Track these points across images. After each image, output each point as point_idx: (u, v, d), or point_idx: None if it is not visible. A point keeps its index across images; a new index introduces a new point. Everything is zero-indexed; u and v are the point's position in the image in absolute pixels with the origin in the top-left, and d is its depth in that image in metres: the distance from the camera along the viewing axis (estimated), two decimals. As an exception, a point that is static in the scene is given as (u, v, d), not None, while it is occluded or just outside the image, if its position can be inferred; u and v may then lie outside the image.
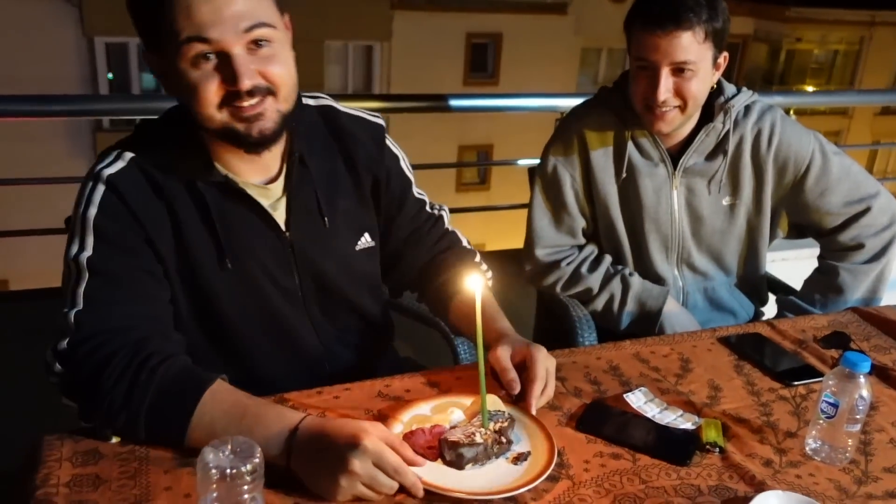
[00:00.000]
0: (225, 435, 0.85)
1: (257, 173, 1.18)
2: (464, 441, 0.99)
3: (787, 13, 16.46)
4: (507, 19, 14.45)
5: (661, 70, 1.48)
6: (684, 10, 1.44)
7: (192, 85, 1.04)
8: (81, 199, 1.10)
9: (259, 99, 1.07)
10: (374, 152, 1.29)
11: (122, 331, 1.02)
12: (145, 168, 1.12)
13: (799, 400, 1.23)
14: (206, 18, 1.00)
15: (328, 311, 1.29)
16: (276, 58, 1.07)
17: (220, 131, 1.09)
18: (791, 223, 1.76)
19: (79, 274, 1.06)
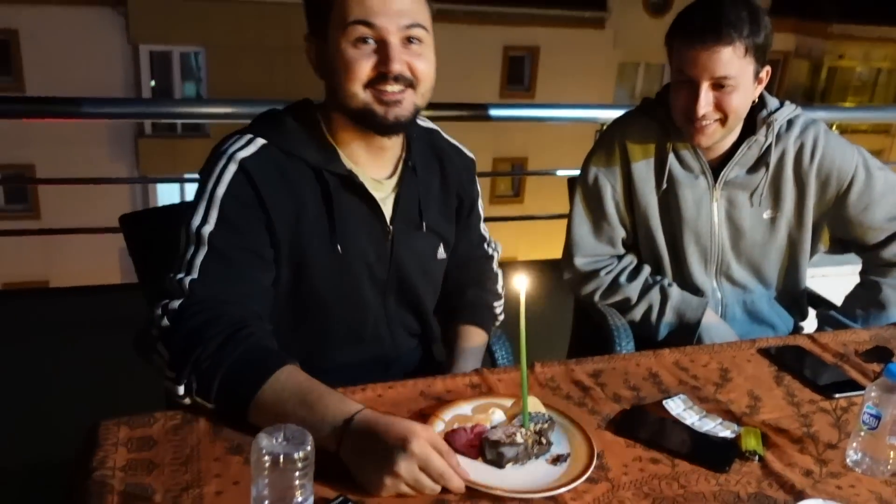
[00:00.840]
0: (289, 404, 0.95)
1: (376, 169, 1.30)
2: (504, 440, 1.01)
3: (829, 29, 16.23)
4: (545, 32, 14.49)
5: (702, 84, 1.48)
6: (725, 25, 1.44)
7: (348, 61, 1.17)
8: (211, 175, 1.18)
9: (402, 87, 1.19)
10: (464, 179, 1.45)
11: (227, 305, 1.11)
12: (275, 155, 1.21)
13: (840, 412, 1.23)
14: (375, 8, 1.15)
15: (401, 305, 1.38)
16: (424, 56, 1.20)
17: (359, 110, 1.20)
18: (833, 238, 1.75)
19: (198, 245, 1.15)
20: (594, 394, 1.22)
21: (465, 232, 1.48)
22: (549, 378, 1.26)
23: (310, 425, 0.88)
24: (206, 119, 2.30)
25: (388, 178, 1.32)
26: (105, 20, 12.11)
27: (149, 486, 0.93)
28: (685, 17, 1.52)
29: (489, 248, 1.57)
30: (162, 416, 1.07)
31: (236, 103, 2.20)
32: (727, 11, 1.46)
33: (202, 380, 1.04)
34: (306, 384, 1.03)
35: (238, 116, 2.18)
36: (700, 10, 1.50)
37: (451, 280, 1.49)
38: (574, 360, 1.33)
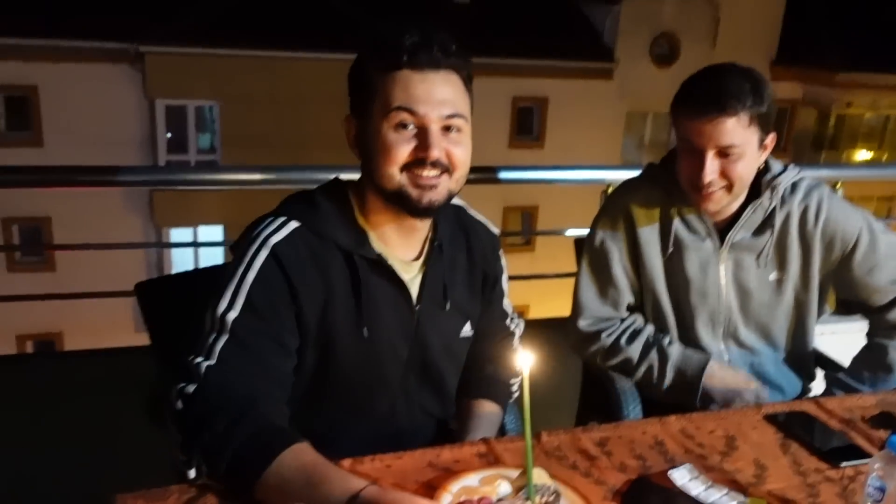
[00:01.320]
0: (294, 485, 0.97)
1: (405, 250, 1.34)
2: None
3: (835, 78, 16.38)
4: (553, 84, 14.71)
5: (707, 153, 1.52)
6: (728, 97, 1.48)
7: (388, 144, 1.21)
8: (243, 259, 1.22)
9: (438, 172, 1.23)
10: (489, 254, 1.47)
11: (239, 388, 1.13)
12: (307, 237, 1.24)
13: (846, 482, 1.23)
14: (418, 96, 1.20)
15: (422, 383, 1.40)
16: (461, 144, 1.25)
17: (394, 192, 1.24)
18: (839, 299, 1.77)
19: (221, 330, 1.18)
20: (600, 463, 1.24)
21: (487, 307, 1.50)
22: (556, 447, 1.28)
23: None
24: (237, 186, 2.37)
25: (416, 259, 1.35)
26: (122, 76, 12.43)
27: (162, 561, 0.95)
28: (688, 89, 1.56)
29: (511, 323, 1.58)
30: (177, 489, 1.09)
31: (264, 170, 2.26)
32: (729, 83, 1.50)
33: (211, 461, 1.07)
34: (310, 464, 1.05)
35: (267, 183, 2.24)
36: (703, 82, 1.54)
37: (471, 355, 1.50)
38: (580, 427, 1.35)
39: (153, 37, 12.10)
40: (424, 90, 1.20)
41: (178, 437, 1.11)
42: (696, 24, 15.73)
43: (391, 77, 1.20)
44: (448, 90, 1.22)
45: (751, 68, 1.56)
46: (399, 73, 1.20)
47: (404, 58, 1.19)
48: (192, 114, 13.32)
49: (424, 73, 1.20)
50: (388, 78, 1.21)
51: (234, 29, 12.41)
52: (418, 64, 1.20)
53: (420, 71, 1.20)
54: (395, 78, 1.20)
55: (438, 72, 1.21)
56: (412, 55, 1.19)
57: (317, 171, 1.93)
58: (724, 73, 1.53)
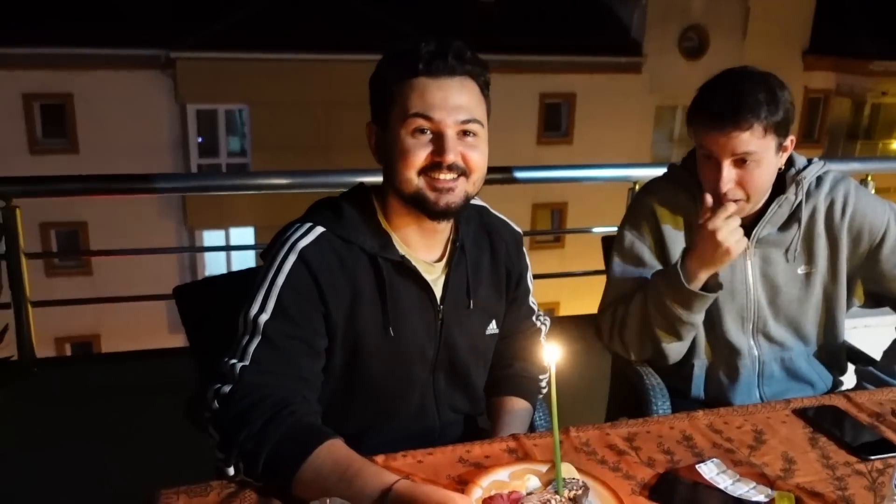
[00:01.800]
0: (329, 480, 1.01)
1: (428, 252, 1.37)
2: None
3: (870, 67, 16.10)
4: (581, 79, 14.66)
5: (723, 162, 1.53)
6: (743, 111, 1.49)
7: (405, 149, 1.26)
8: (273, 264, 1.27)
9: (454, 176, 1.27)
10: (513, 252, 1.50)
11: (273, 388, 1.18)
12: (333, 242, 1.29)
13: (875, 475, 1.24)
14: (435, 102, 1.24)
15: (450, 381, 1.43)
16: (477, 148, 1.29)
17: (412, 195, 1.28)
18: (868, 292, 1.76)
19: (253, 332, 1.23)
20: (628, 458, 1.26)
21: (512, 305, 1.53)
22: (584, 442, 1.30)
23: (350, 499, 0.93)
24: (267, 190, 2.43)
25: (439, 260, 1.39)
26: (154, 82, 12.66)
27: (205, 553, 0.99)
28: (703, 101, 1.56)
29: (538, 321, 1.60)
30: (218, 485, 1.13)
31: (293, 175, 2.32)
32: (745, 95, 1.50)
33: (248, 460, 1.11)
34: (345, 459, 1.09)
35: (295, 187, 2.30)
36: (718, 95, 1.54)
37: (498, 352, 1.53)
38: (609, 423, 1.36)
39: (183, 43, 12.30)
40: (441, 97, 1.24)
41: (216, 436, 1.16)
42: (725, 16, 15.54)
43: (408, 84, 1.25)
44: (464, 96, 1.26)
45: (767, 74, 1.56)
46: (416, 80, 1.24)
47: (420, 65, 1.24)
48: (222, 118, 13.52)
49: (440, 80, 1.24)
50: (406, 85, 1.25)
51: (261, 33, 12.58)
52: (434, 71, 1.24)
53: (436, 78, 1.24)
54: (412, 85, 1.24)
55: (454, 78, 1.25)
56: (428, 63, 1.24)
57: (342, 175, 1.99)
58: (739, 83, 1.53)
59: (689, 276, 1.56)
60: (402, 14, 13.22)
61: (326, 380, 1.32)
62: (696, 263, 1.56)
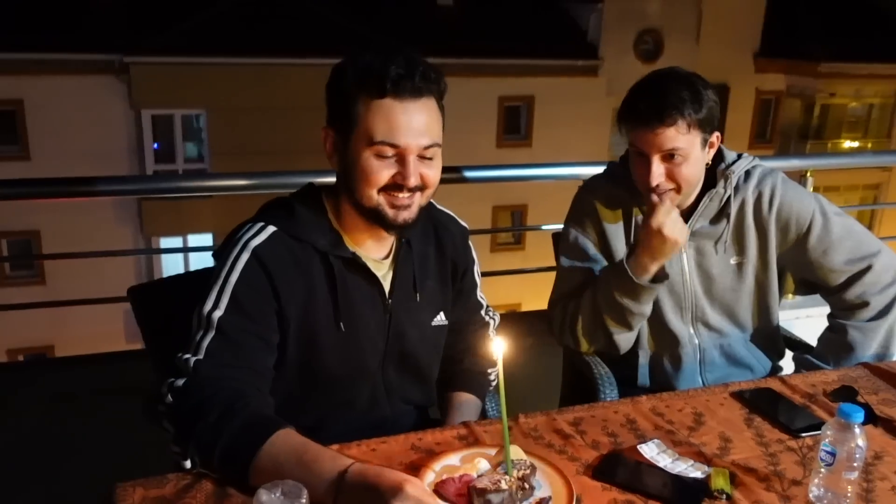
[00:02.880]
0: (286, 467, 1.03)
1: (376, 250, 1.42)
2: (491, 488, 1.10)
3: (819, 69, 16.55)
4: (539, 82, 14.81)
5: (652, 158, 1.61)
6: (667, 109, 1.57)
7: (368, 169, 1.29)
8: (226, 262, 1.30)
9: (411, 194, 1.32)
10: (459, 246, 1.54)
11: (227, 381, 1.20)
12: (285, 241, 1.33)
13: (805, 450, 1.31)
14: (400, 128, 1.27)
15: (400, 373, 1.48)
16: (434, 166, 1.33)
17: (371, 210, 1.33)
18: (798, 280, 1.85)
19: (207, 328, 1.26)
20: (574, 441, 1.31)
21: (459, 296, 1.57)
22: (533, 428, 1.35)
23: (307, 483, 0.97)
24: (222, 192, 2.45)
25: (386, 256, 1.43)
26: (107, 87, 12.47)
27: (162, 542, 1.02)
28: (631, 102, 1.64)
29: (486, 315, 1.65)
30: (174, 476, 1.15)
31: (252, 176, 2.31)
32: (669, 94, 1.59)
33: (204, 451, 1.13)
34: (300, 445, 1.12)
35: (254, 188, 2.30)
36: (644, 95, 1.63)
37: (449, 347, 1.58)
38: (556, 410, 1.42)
39: (138, 48, 12.14)
40: (405, 121, 1.27)
41: (171, 429, 1.19)
42: (679, 20, 15.86)
43: (375, 105, 1.27)
44: (427, 119, 1.29)
45: (691, 74, 1.64)
46: (382, 101, 1.26)
47: (387, 86, 1.25)
48: (178, 123, 13.37)
49: (406, 103, 1.27)
50: (372, 106, 1.27)
51: (218, 38, 12.46)
52: (400, 93, 1.26)
53: (402, 101, 1.27)
54: (378, 107, 1.26)
55: (419, 100, 1.28)
56: (395, 84, 1.25)
57: (301, 176, 2.00)
58: (663, 83, 1.61)
59: (639, 270, 1.65)
60: (361, 18, 13.23)
61: (281, 374, 1.35)
62: (647, 258, 1.64)
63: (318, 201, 1.40)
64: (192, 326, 1.28)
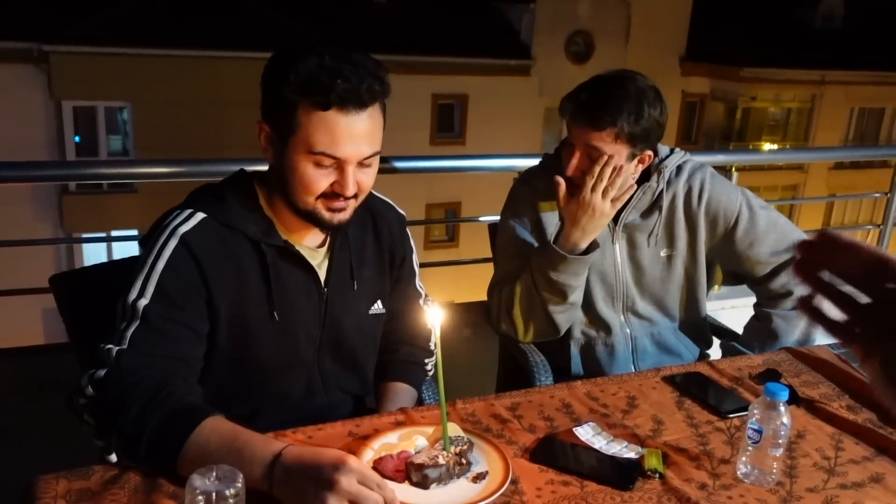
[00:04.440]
0: (216, 455, 0.99)
1: (311, 239, 1.39)
2: (428, 463, 1.11)
3: (741, 73, 17.20)
4: (473, 81, 14.91)
5: (576, 151, 1.66)
6: (600, 113, 1.61)
7: (306, 177, 1.26)
8: (153, 250, 1.24)
9: (347, 200, 1.29)
10: (396, 233, 1.53)
11: (150, 370, 1.16)
12: (215, 228, 1.28)
13: (733, 430, 1.35)
14: (342, 136, 1.23)
15: (336, 361, 1.45)
16: (371, 172, 1.32)
17: (306, 213, 1.29)
18: (726, 272, 1.91)
19: (132, 317, 1.20)
20: (511, 425, 1.32)
21: (397, 284, 1.56)
22: (470, 413, 1.35)
23: (239, 468, 0.94)
24: (143, 179, 2.35)
25: (321, 245, 1.41)
26: (25, 76, 11.95)
27: (87, 534, 0.97)
28: (574, 94, 1.67)
29: (425, 304, 1.63)
30: (100, 468, 1.11)
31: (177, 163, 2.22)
32: (609, 100, 1.61)
33: (128, 445, 1.09)
34: (231, 432, 1.08)
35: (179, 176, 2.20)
36: (587, 92, 1.65)
37: (385, 335, 1.56)
38: (493, 395, 1.43)
39: (58, 36, 11.66)
40: (348, 132, 1.23)
41: (93, 423, 1.13)
42: (609, 23, 16.22)
43: (317, 116, 1.21)
44: (370, 128, 1.25)
45: (647, 88, 1.64)
46: (325, 113, 1.21)
47: (332, 100, 1.20)
48: (102, 115, 12.90)
49: (350, 116, 1.22)
50: (314, 116, 1.21)
51: (145, 28, 12.10)
52: (345, 106, 1.21)
53: (346, 114, 1.22)
54: (320, 118, 1.21)
55: (363, 111, 1.24)
56: (341, 99, 1.20)
57: (229, 164, 1.93)
58: (611, 88, 1.63)
59: (569, 245, 1.67)
60: (294, 11, 13.04)
61: (213, 363, 1.31)
62: (578, 233, 1.66)
63: (250, 188, 1.36)
64: (117, 316, 1.23)
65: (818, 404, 1.46)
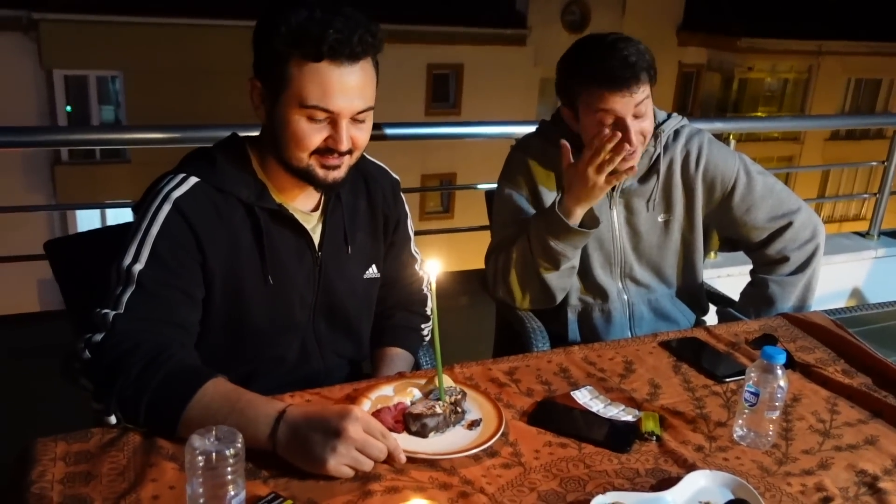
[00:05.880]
0: (219, 415, 1.01)
1: (304, 202, 1.38)
2: (426, 413, 1.14)
3: (737, 44, 17.05)
4: (468, 51, 14.76)
5: (627, 120, 1.60)
6: (637, 70, 1.58)
7: (299, 132, 1.24)
8: (146, 215, 1.23)
9: (342, 156, 1.28)
10: (389, 197, 1.51)
11: (148, 333, 1.15)
12: (208, 192, 1.27)
13: (729, 394, 1.36)
14: (334, 92, 1.21)
15: (331, 326, 1.45)
16: (365, 128, 1.30)
17: (300, 170, 1.27)
18: (722, 238, 1.91)
19: (127, 282, 1.19)
20: (509, 389, 1.32)
21: (391, 249, 1.55)
22: (468, 377, 1.35)
23: (243, 428, 0.94)
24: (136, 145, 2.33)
25: (315, 209, 1.39)
26: (14, 45, 11.76)
27: (86, 496, 0.98)
28: (594, 66, 1.61)
29: (421, 270, 1.62)
30: (98, 431, 1.11)
31: (172, 129, 2.19)
32: (630, 55, 1.58)
33: (128, 406, 1.09)
34: (233, 393, 1.09)
35: (174, 142, 2.17)
36: (607, 58, 1.59)
37: (381, 300, 1.56)
38: (491, 360, 1.43)
39: (47, 3, 11.47)
40: (340, 86, 1.21)
41: (90, 386, 1.13)
42: (605, -9, 16.03)
43: (309, 68, 1.20)
44: (362, 81, 1.24)
45: (634, 38, 1.64)
46: (317, 65, 1.20)
47: (324, 51, 1.19)
48: (93, 85, 12.74)
49: (342, 67, 1.21)
50: (306, 68, 1.20)
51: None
52: (337, 58, 1.20)
53: (339, 65, 1.20)
54: (312, 70, 1.20)
55: (356, 64, 1.22)
56: (332, 50, 1.19)
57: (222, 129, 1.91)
58: (620, 47, 1.60)
59: (566, 214, 1.64)
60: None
61: (208, 327, 1.31)
62: (573, 202, 1.64)
63: (243, 152, 1.34)
64: (111, 281, 1.22)
65: (814, 368, 1.46)
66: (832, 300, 3.41)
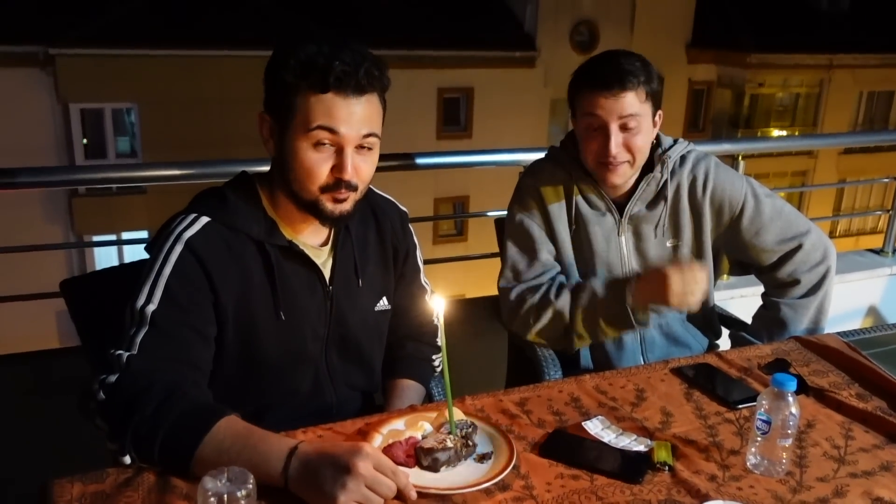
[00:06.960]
0: (232, 453, 1.02)
1: (314, 237, 1.41)
2: (437, 447, 1.14)
3: (748, 59, 17.06)
4: (478, 74, 14.87)
5: (611, 126, 1.64)
6: (626, 74, 1.62)
7: (309, 165, 1.27)
8: (159, 255, 1.26)
9: (348, 191, 1.30)
10: (398, 230, 1.54)
11: (161, 373, 1.17)
12: (219, 231, 1.30)
13: (742, 421, 1.35)
14: (340, 116, 1.24)
15: (343, 359, 1.47)
16: (370, 160, 1.32)
17: (309, 203, 1.30)
18: (732, 261, 1.90)
19: (141, 322, 1.22)
20: (520, 421, 1.32)
21: (401, 280, 1.56)
22: (479, 409, 1.36)
23: (255, 465, 0.96)
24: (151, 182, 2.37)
25: (325, 243, 1.42)
26: (32, 80, 11.98)
27: (103, 537, 0.99)
28: (588, 71, 1.68)
29: (430, 300, 1.63)
30: (114, 471, 1.12)
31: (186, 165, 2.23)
32: (624, 63, 1.64)
33: (143, 445, 1.10)
34: (245, 430, 1.11)
35: (188, 178, 2.23)
36: (600, 63, 1.67)
37: (391, 332, 1.57)
38: (502, 391, 1.43)
39: (63, 39, 11.70)
40: (346, 114, 1.25)
41: (105, 426, 1.15)
42: (613, 11, 16.12)
43: (316, 99, 1.24)
44: (368, 112, 1.27)
45: (638, 54, 1.70)
46: (324, 96, 1.24)
47: (331, 82, 1.23)
48: (109, 117, 12.94)
49: (349, 99, 1.25)
50: (313, 99, 1.24)
51: (149, 28, 12.12)
52: (344, 89, 1.24)
53: (345, 97, 1.24)
54: (319, 101, 1.24)
55: (362, 97, 1.26)
56: (339, 81, 1.23)
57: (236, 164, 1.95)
58: (616, 57, 1.66)
59: (633, 309, 1.69)
60: (299, 6, 13.03)
61: (222, 363, 1.32)
62: (647, 298, 1.69)
63: (252, 190, 1.37)
64: (125, 322, 1.25)
65: (827, 393, 1.45)
66: (847, 319, 3.38)
